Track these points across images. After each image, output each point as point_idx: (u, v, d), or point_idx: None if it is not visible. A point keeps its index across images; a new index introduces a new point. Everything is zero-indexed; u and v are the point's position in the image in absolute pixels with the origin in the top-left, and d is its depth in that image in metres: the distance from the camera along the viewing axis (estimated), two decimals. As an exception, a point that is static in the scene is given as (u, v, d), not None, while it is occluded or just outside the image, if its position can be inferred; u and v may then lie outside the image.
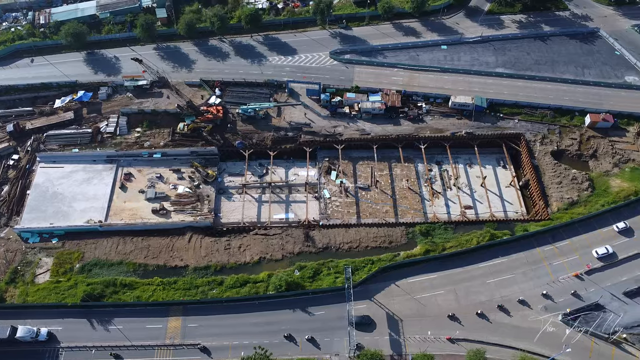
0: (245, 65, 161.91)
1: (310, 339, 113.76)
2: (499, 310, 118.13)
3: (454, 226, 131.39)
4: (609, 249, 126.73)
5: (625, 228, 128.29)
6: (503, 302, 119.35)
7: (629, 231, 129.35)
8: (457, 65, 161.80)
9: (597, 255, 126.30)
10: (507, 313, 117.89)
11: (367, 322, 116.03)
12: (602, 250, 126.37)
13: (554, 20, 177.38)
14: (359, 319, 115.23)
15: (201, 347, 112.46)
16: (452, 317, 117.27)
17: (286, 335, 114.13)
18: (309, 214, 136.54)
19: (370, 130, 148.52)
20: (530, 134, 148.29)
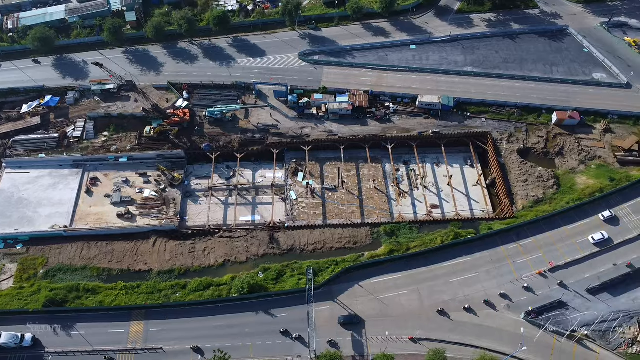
0: (213, 68, 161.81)
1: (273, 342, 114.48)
2: (462, 309, 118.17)
3: (419, 226, 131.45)
4: (605, 234, 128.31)
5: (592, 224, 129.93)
6: (466, 301, 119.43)
7: (593, 230, 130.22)
8: (425, 65, 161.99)
9: (593, 241, 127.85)
10: (470, 312, 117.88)
11: (356, 321, 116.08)
12: (598, 236, 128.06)
13: (523, 19, 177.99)
14: (348, 318, 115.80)
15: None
16: (415, 316, 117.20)
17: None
18: (275, 215, 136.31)
19: (338, 131, 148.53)
20: (497, 133, 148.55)
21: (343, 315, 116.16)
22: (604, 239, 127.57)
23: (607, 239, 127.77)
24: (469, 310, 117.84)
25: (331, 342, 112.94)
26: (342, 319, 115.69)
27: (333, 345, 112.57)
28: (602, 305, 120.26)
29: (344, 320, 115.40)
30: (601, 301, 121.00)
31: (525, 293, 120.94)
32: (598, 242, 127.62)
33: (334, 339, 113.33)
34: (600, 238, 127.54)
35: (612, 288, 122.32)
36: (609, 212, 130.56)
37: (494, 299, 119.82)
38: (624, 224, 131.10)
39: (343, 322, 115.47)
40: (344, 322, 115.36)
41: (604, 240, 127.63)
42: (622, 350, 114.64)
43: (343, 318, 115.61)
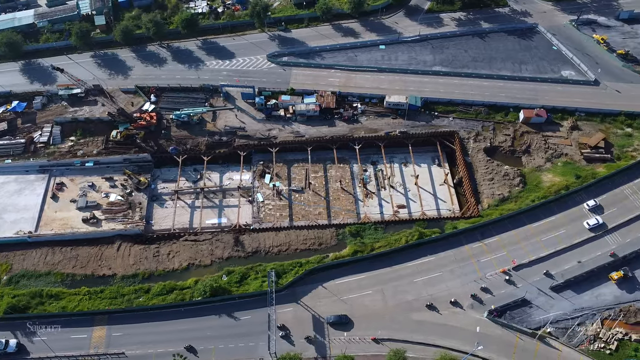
0: (182, 71, 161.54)
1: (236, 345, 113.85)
2: (426, 309, 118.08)
3: (384, 226, 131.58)
4: (599, 219, 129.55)
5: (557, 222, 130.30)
6: (430, 301, 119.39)
7: (560, 226, 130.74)
8: (394, 65, 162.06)
9: (588, 227, 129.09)
10: (434, 311, 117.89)
11: (345, 321, 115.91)
12: (593, 221, 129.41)
13: (493, 17, 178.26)
14: (337, 318, 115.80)
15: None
16: (379, 316, 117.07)
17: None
18: (242, 218, 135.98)
19: (305, 132, 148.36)
20: (464, 132, 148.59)
21: (333, 315, 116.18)
22: (599, 224, 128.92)
23: (601, 224, 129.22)
24: (433, 309, 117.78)
25: (308, 338, 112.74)
26: (331, 319, 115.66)
27: (310, 341, 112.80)
28: (565, 302, 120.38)
29: (334, 320, 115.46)
30: (565, 299, 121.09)
31: (488, 292, 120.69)
32: (593, 227, 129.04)
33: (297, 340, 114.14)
34: (595, 223, 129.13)
35: (575, 285, 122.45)
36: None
37: (458, 298, 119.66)
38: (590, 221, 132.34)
39: (332, 321, 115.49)
40: (334, 321, 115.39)
41: (599, 225, 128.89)
42: (584, 347, 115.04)
43: (333, 318, 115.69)
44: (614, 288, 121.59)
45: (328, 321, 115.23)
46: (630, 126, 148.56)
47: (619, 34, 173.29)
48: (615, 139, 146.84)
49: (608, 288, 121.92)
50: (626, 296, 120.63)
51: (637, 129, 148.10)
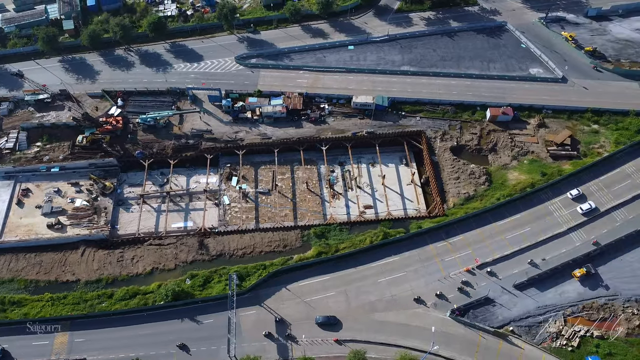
0: (149, 74, 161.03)
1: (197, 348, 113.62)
2: (389, 309, 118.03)
3: (349, 227, 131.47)
4: (592, 204, 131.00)
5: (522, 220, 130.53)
6: (393, 301, 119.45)
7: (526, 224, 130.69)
8: (362, 65, 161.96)
9: (581, 211, 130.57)
10: (396, 311, 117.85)
11: (333, 322, 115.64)
12: (586, 206, 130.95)
13: (462, 16, 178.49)
14: (325, 319, 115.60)
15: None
16: (342, 317, 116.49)
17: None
18: (208, 221, 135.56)
19: (272, 134, 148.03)
20: (432, 131, 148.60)
21: (321, 316, 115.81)
22: (592, 208, 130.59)
23: (594, 208, 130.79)
24: (396, 309, 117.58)
25: (269, 334, 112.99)
26: (319, 319, 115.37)
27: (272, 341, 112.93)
28: (529, 300, 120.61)
29: (322, 321, 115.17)
30: (528, 296, 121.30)
31: (452, 291, 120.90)
32: (586, 212, 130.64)
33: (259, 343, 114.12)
34: (588, 208, 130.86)
35: (539, 283, 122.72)
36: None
37: (421, 298, 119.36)
38: (554, 219, 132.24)
39: (321, 322, 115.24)
40: (322, 322, 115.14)
41: (592, 209, 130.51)
42: (547, 344, 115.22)
43: (321, 318, 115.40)
44: (578, 285, 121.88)
45: (317, 322, 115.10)
46: (597, 123, 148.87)
47: (587, 31, 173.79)
48: (582, 136, 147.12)
49: (572, 285, 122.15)
50: (589, 293, 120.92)
51: (604, 126, 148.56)
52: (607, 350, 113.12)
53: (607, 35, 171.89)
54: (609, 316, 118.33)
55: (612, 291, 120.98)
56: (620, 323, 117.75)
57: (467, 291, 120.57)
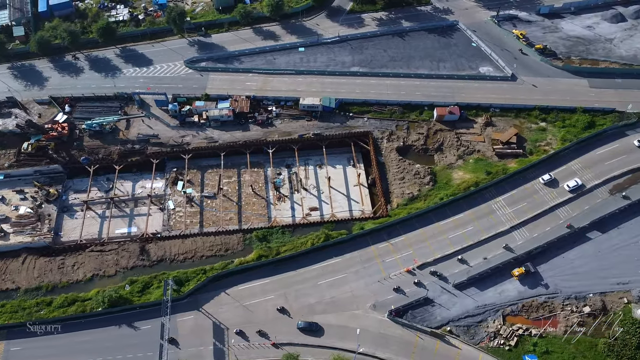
0: (98, 79, 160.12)
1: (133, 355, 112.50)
2: (328, 311, 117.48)
3: (292, 229, 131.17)
4: (579, 181, 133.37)
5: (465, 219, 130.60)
6: (332, 303, 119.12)
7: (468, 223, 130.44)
8: (312, 67, 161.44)
9: (568, 189, 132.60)
10: (335, 313, 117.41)
11: (315, 328, 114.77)
12: (573, 183, 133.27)
13: (415, 16, 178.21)
14: (307, 324, 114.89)
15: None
16: (280, 321, 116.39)
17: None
18: (152, 226, 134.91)
19: (219, 137, 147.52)
20: (379, 131, 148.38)
21: (303, 321, 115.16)
22: (578, 185, 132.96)
23: (580, 185, 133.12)
24: (334, 311, 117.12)
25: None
26: (301, 325, 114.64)
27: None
28: (468, 300, 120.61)
29: (303, 326, 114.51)
30: (468, 296, 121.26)
31: (391, 292, 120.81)
32: (573, 189, 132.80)
33: (195, 349, 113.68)
34: (575, 185, 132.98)
35: (479, 282, 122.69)
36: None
37: (360, 299, 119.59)
38: (498, 217, 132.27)
39: (302, 327, 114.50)
40: (303, 327, 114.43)
41: (578, 186, 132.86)
42: (484, 344, 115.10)
43: (303, 324, 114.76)
44: (518, 284, 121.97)
45: (298, 327, 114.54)
46: (545, 120, 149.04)
47: (539, 29, 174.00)
48: (528, 134, 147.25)
49: (512, 284, 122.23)
50: (529, 291, 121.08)
51: (551, 123, 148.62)
52: (545, 349, 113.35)
53: (558, 33, 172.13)
54: (548, 314, 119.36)
55: (553, 289, 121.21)
56: (559, 321, 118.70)
57: (406, 292, 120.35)
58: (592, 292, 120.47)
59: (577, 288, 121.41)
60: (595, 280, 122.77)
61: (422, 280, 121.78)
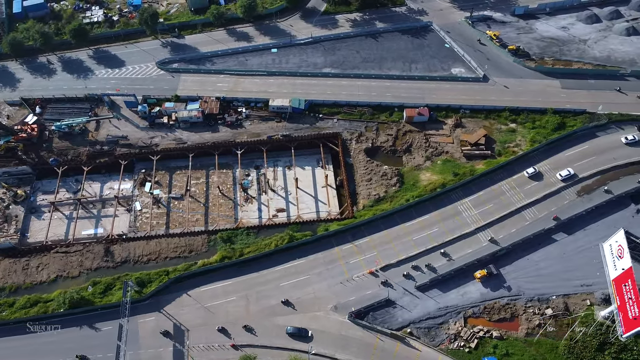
0: (70, 81, 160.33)
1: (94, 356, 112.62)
2: (289, 313, 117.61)
3: (256, 231, 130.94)
4: (571, 170, 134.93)
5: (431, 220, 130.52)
6: (294, 304, 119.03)
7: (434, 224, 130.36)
8: (284, 68, 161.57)
9: (560, 177, 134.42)
10: (296, 315, 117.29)
11: (304, 334, 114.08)
12: (565, 172, 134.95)
13: (389, 17, 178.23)
14: (295, 330, 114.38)
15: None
16: (241, 322, 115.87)
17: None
18: (119, 227, 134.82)
19: (188, 138, 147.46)
20: (348, 133, 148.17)
21: (292, 327, 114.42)
22: (570, 174, 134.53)
23: (572, 174, 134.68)
24: (296, 313, 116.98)
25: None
26: (290, 330, 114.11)
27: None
28: (430, 301, 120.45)
29: (292, 331, 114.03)
30: (430, 298, 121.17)
31: (354, 293, 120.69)
32: (565, 178, 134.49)
33: (155, 350, 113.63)
34: (567, 174, 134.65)
35: (442, 284, 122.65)
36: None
37: (322, 301, 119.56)
38: (463, 218, 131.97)
39: (291, 332, 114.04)
40: (292, 332, 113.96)
41: (570, 175, 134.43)
42: (444, 346, 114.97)
43: (292, 329, 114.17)
44: (480, 286, 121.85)
45: (287, 332, 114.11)
46: (515, 121, 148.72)
47: (514, 30, 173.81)
48: (498, 135, 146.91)
49: (475, 286, 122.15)
50: (492, 293, 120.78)
51: (521, 124, 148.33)
52: (505, 351, 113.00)
53: (533, 34, 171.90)
54: (510, 316, 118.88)
55: (515, 291, 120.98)
56: (520, 323, 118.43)
57: (369, 293, 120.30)
58: (555, 294, 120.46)
59: (541, 290, 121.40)
60: (559, 282, 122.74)
61: (384, 282, 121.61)
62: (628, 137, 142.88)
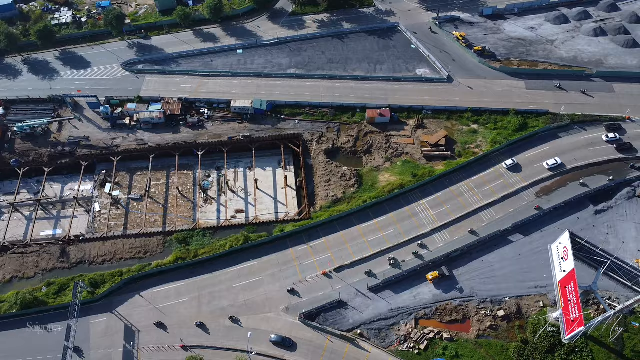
0: (35, 82, 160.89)
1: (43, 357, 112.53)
2: (240, 314, 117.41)
3: (213, 232, 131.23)
4: (558, 160, 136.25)
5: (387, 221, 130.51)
6: (245, 305, 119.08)
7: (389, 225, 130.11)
8: (249, 69, 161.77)
9: (547, 167, 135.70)
10: (248, 316, 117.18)
11: (288, 344, 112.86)
12: (552, 162, 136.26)
13: (357, 18, 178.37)
14: (279, 338, 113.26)
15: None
16: (192, 323, 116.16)
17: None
18: (77, 228, 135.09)
19: (149, 139, 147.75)
20: (309, 134, 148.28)
21: (276, 335, 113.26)
22: (557, 164, 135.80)
23: (560, 164, 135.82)
24: (247, 314, 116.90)
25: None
26: (273, 338, 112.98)
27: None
28: (382, 303, 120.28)
29: (276, 340, 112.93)
30: (382, 299, 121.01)
31: (306, 294, 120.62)
32: (552, 167, 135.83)
33: (105, 351, 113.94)
34: (554, 163, 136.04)
35: (395, 285, 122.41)
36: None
37: (273, 302, 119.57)
38: (420, 220, 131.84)
39: (274, 341, 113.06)
40: (276, 341, 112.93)
41: (558, 165, 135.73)
42: (394, 347, 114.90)
43: (275, 337, 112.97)
44: (433, 287, 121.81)
45: (271, 340, 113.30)
46: (477, 122, 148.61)
47: (481, 30, 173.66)
48: (459, 136, 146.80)
49: (428, 287, 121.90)
50: (444, 295, 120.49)
51: (483, 125, 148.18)
52: (455, 352, 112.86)
53: (500, 34, 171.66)
54: (462, 318, 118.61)
55: (468, 292, 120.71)
56: (472, 324, 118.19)
57: (321, 295, 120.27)
58: (508, 296, 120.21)
59: (494, 292, 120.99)
60: (513, 284, 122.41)
61: (337, 283, 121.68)
62: (609, 136, 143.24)
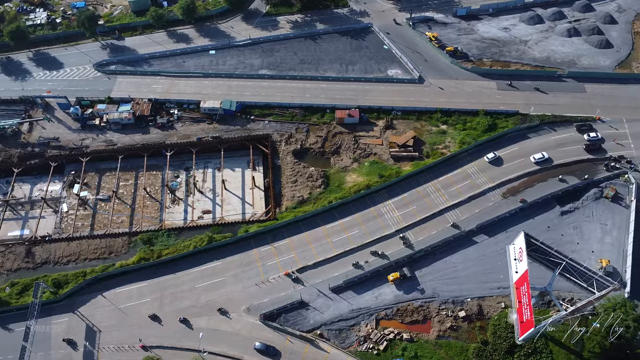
0: (7, 83, 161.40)
1: (4, 357, 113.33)
2: (201, 314, 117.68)
3: (177, 232, 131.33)
4: (545, 154, 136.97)
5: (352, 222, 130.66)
6: (207, 306, 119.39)
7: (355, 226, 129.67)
8: (221, 70, 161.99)
9: (534, 160, 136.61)
10: (208, 317, 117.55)
11: (272, 352, 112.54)
12: (539, 156, 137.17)
13: (330, 18, 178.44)
14: (263, 346, 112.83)
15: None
16: (153, 324, 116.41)
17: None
18: (45, 229, 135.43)
19: (118, 140, 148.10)
20: (278, 134, 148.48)
21: (260, 342, 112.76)
22: (544, 158, 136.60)
23: (547, 158, 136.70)
24: (208, 315, 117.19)
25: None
26: (257, 346, 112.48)
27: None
28: (344, 304, 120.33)
29: (259, 347, 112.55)
30: (344, 300, 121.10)
31: (268, 295, 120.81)
32: (539, 161, 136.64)
33: (64, 351, 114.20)
34: (541, 157, 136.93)
35: (357, 286, 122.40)
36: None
37: (235, 303, 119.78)
38: (385, 220, 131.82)
39: (258, 348, 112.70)
40: (259, 349, 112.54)
41: (545, 159, 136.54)
42: (353, 348, 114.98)
43: (259, 345, 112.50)
44: (394, 288, 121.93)
45: (255, 348, 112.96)
46: (446, 123, 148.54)
47: (455, 31, 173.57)
48: (428, 137, 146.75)
49: (389, 288, 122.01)
50: (406, 296, 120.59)
51: (452, 126, 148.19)
52: (414, 353, 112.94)
53: (473, 35, 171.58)
54: (422, 319, 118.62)
55: (430, 293, 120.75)
56: (432, 325, 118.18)
57: (283, 295, 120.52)
58: (470, 297, 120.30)
59: (456, 292, 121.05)
60: (476, 285, 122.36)
61: (299, 284, 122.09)
62: (591, 135, 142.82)
